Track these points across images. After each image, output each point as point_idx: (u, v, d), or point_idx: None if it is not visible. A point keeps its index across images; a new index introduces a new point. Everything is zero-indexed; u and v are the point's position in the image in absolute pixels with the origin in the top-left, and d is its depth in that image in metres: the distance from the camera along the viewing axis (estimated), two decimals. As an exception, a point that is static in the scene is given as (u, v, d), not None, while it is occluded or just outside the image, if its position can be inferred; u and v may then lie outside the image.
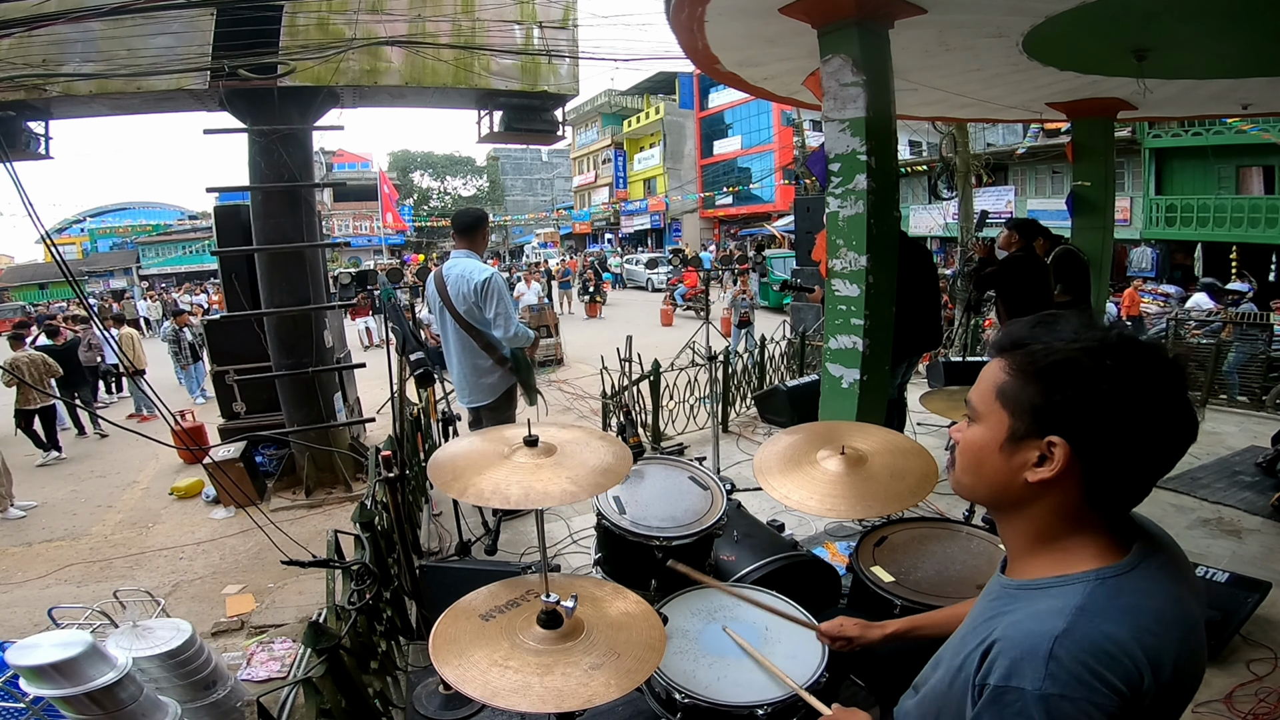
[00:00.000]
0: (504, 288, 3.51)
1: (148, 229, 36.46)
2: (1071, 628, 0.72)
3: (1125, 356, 0.76)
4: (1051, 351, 0.79)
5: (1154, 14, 3.39)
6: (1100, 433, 0.77)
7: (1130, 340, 0.78)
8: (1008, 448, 0.83)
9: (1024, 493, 0.83)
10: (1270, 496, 3.81)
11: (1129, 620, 0.73)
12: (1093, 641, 0.71)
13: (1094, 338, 0.78)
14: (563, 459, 1.63)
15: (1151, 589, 0.77)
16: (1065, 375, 0.78)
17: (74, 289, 3.10)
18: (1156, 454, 0.78)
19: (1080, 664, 0.70)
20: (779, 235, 23.73)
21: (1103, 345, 0.77)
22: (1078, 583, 0.78)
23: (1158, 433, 0.76)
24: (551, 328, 11.09)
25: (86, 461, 7.67)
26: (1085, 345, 0.78)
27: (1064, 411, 0.78)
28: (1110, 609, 0.74)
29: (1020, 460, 0.82)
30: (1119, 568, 0.78)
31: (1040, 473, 0.80)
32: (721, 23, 3.56)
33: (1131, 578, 0.78)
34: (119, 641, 2.45)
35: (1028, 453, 0.81)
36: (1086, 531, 0.82)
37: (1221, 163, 14.24)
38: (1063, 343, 0.79)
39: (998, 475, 0.85)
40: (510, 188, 48.35)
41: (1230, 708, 2.25)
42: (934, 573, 1.87)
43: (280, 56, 5.13)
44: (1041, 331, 0.81)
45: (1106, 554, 0.80)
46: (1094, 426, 0.77)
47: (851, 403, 3.38)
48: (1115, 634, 0.72)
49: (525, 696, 1.19)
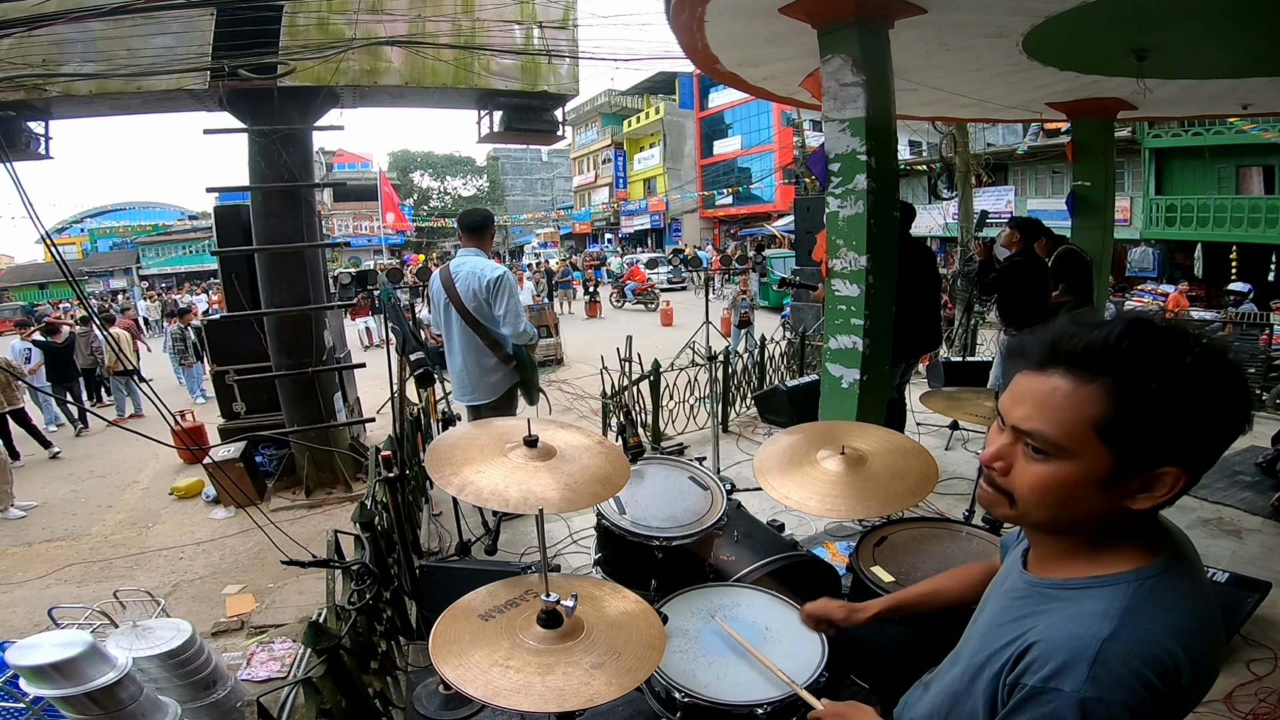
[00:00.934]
0: (515, 286, 3.55)
1: (148, 229, 36.44)
2: (1118, 631, 0.72)
3: (1220, 371, 0.72)
4: (1171, 384, 0.71)
5: (1154, 14, 3.39)
6: (1206, 455, 0.74)
7: (1218, 351, 0.73)
8: (1111, 482, 0.75)
9: (1106, 516, 0.78)
10: (1270, 496, 3.82)
11: (1171, 621, 0.73)
12: (1140, 644, 0.71)
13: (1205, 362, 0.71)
14: (562, 463, 1.63)
15: (1186, 588, 0.77)
16: (1191, 410, 0.71)
17: (74, 289, 3.10)
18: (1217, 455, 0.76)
19: (1127, 667, 0.70)
20: (779, 235, 23.73)
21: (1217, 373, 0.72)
22: (1120, 583, 0.76)
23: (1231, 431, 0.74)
24: (551, 328, 11.09)
25: (86, 461, 7.66)
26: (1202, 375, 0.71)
27: (1186, 443, 0.73)
28: (1154, 610, 0.74)
29: (1124, 491, 0.75)
30: (1156, 568, 0.77)
31: (1143, 501, 0.75)
32: (721, 23, 3.56)
33: (1168, 577, 0.77)
34: (119, 641, 2.45)
35: (1133, 482, 0.75)
36: (1127, 534, 0.80)
37: (1221, 163, 14.25)
38: (1176, 369, 0.71)
39: (1095, 510, 0.77)
40: (510, 188, 48.35)
41: (1230, 708, 2.25)
42: (934, 572, 1.86)
43: (280, 56, 5.13)
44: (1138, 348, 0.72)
45: (1142, 554, 0.79)
46: (1204, 451, 0.74)
47: (851, 403, 3.38)
48: (1159, 636, 0.72)
49: (527, 696, 1.19)
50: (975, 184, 14.18)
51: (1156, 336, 0.73)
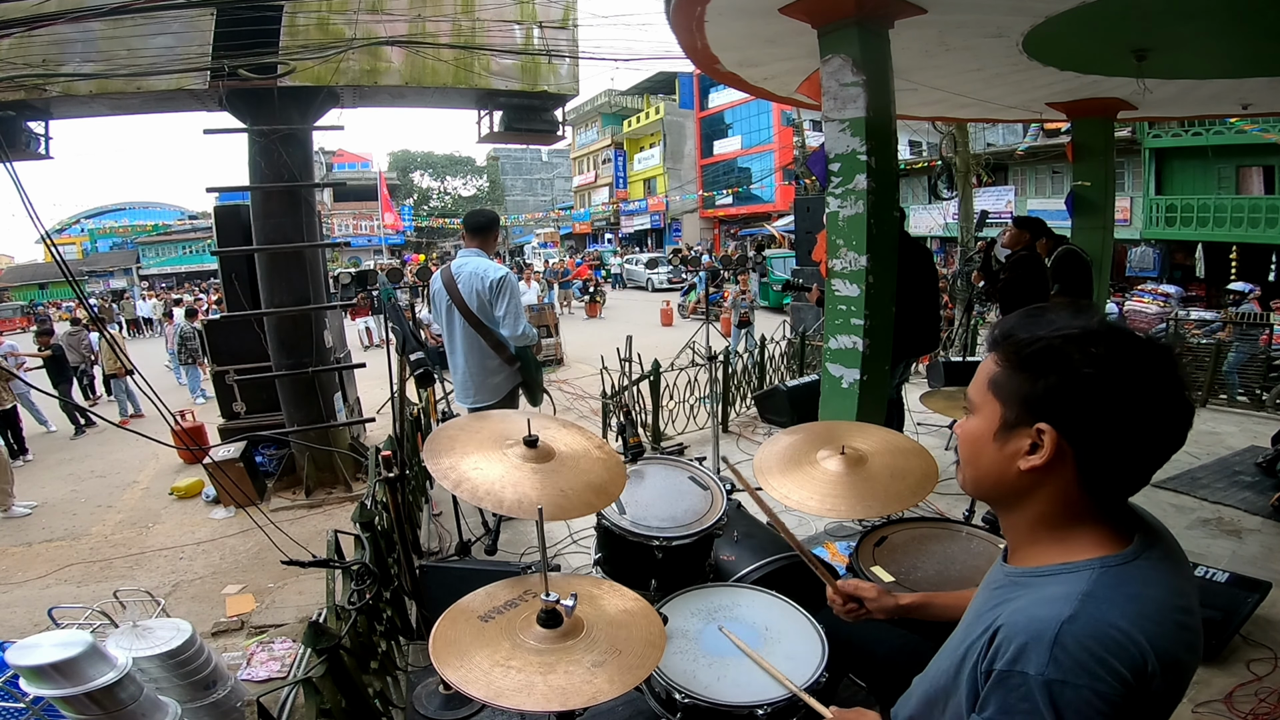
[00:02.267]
0: (517, 287, 3.53)
1: (148, 229, 36.45)
2: (1078, 613, 0.73)
3: (1111, 343, 0.77)
4: (1036, 340, 0.81)
5: (1154, 14, 3.39)
6: (1088, 418, 0.78)
7: (1116, 328, 0.79)
8: (1001, 436, 0.84)
9: (1020, 482, 0.84)
10: (1270, 496, 3.81)
11: (1134, 608, 0.74)
12: (1099, 628, 0.72)
13: (1079, 325, 0.79)
14: (559, 468, 1.63)
15: (1154, 578, 0.78)
16: (1049, 362, 0.79)
17: (74, 289, 3.10)
18: (1150, 441, 0.78)
19: (1085, 650, 0.71)
20: (778, 235, 23.73)
21: (1086, 332, 0.78)
22: (1084, 569, 0.78)
23: (1149, 419, 0.77)
24: (551, 328, 11.09)
25: (86, 461, 7.66)
26: (1069, 333, 0.79)
27: (1050, 398, 0.79)
28: (1116, 596, 0.75)
29: (1013, 449, 0.83)
30: (1123, 556, 0.79)
31: (1032, 460, 0.82)
32: (721, 23, 3.56)
33: (1135, 566, 0.78)
34: (119, 641, 2.45)
35: (1020, 441, 0.83)
36: (1088, 521, 0.82)
37: (1221, 163, 14.25)
38: (1047, 331, 0.80)
39: (994, 465, 0.86)
40: (510, 188, 48.36)
41: (1230, 708, 2.25)
42: (934, 572, 1.87)
43: (280, 56, 5.13)
44: (1029, 323, 0.83)
45: (1109, 543, 0.81)
46: (1081, 412, 0.78)
47: (851, 403, 3.38)
48: (1120, 621, 0.73)
49: (529, 695, 1.19)
50: (975, 184, 14.17)
51: (1051, 314, 0.82)
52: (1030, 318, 0.83)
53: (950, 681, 0.86)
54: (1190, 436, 0.81)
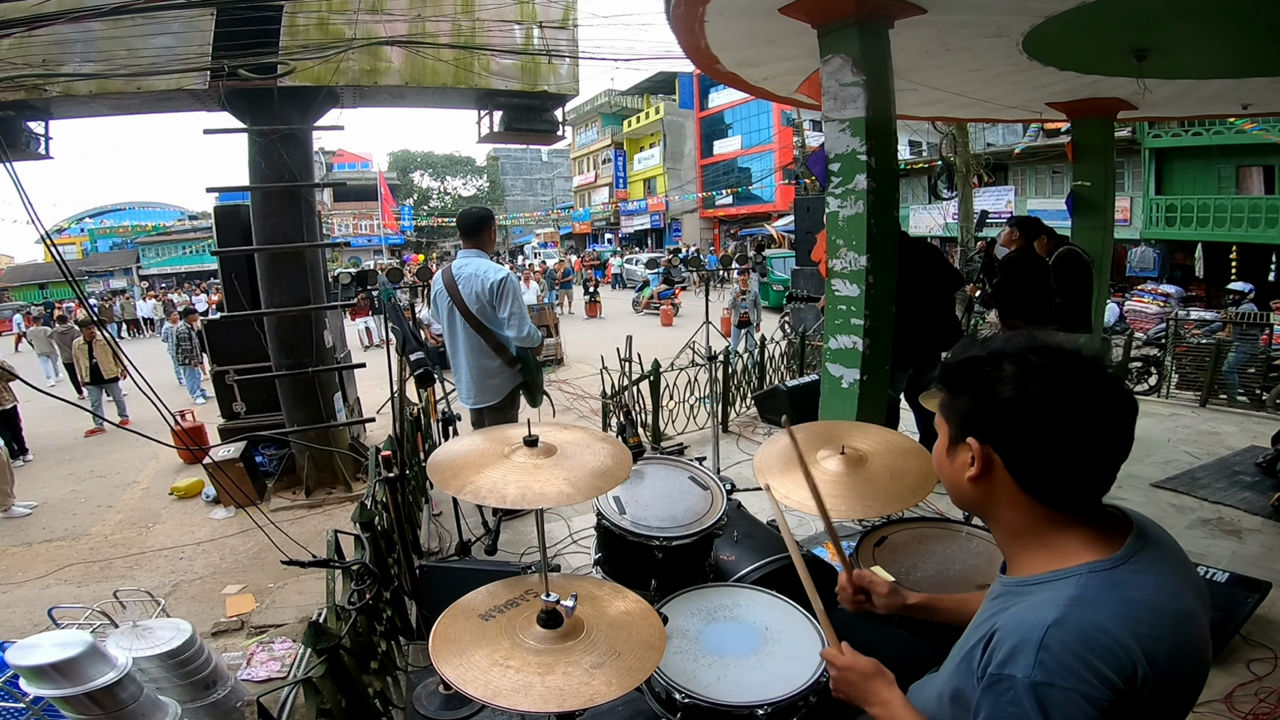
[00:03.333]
0: (519, 288, 3.53)
1: (148, 229, 36.45)
2: (1064, 617, 0.75)
3: (1022, 360, 0.82)
4: (957, 363, 0.89)
5: (1154, 14, 3.39)
6: (1003, 430, 0.83)
7: (1038, 345, 0.83)
8: (950, 453, 0.92)
9: (975, 493, 0.90)
10: (1270, 496, 3.81)
11: (1121, 610, 0.75)
12: (1084, 630, 0.73)
13: (995, 347, 0.85)
14: (561, 460, 1.63)
15: (1144, 580, 0.79)
16: (964, 380, 0.88)
17: (74, 289, 3.10)
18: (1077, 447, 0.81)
19: (1070, 652, 0.72)
20: (777, 235, 23.74)
21: (997, 352, 0.84)
22: (1072, 576, 0.80)
23: (1068, 427, 0.80)
24: (551, 328, 11.09)
25: (86, 461, 7.67)
26: (980, 353, 0.86)
27: (970, 414, 0.87)
28: (1104, 599, 0.76)
29: (960, 463, 0.90)
30: (1111, 560, 0.80)
31: (970, 471, 0.88)
32: (721, 23, 3.56)
33: (1124, 570, 0.79)
34: (119, 641, 2.45)
35: (963, 455, 0.89)
36: (1067, 527, 0.85)
37: (1221, 163, 14.25)
38: (969, 354, 0.87)
39: (950, 479, 0.94)
40: (510, 188, 48.37)
41: (1230, 708, 2.25)
42: (934, 573, 1.87)
43: (280, 56, 5.13)
44: (964, 347, 0.91)
45: (1097, 548, 0.82)
46: (996, 425, 0.84)
47: (851, 403, 3.38)
48: (1106, 624, 0.73)
49: (527, 696, 1.19)
50: (975, 184, 14.19)
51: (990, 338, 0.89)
52: (966, 344, 0.91)
53: (949, 688, 0.89)
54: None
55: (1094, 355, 0.84)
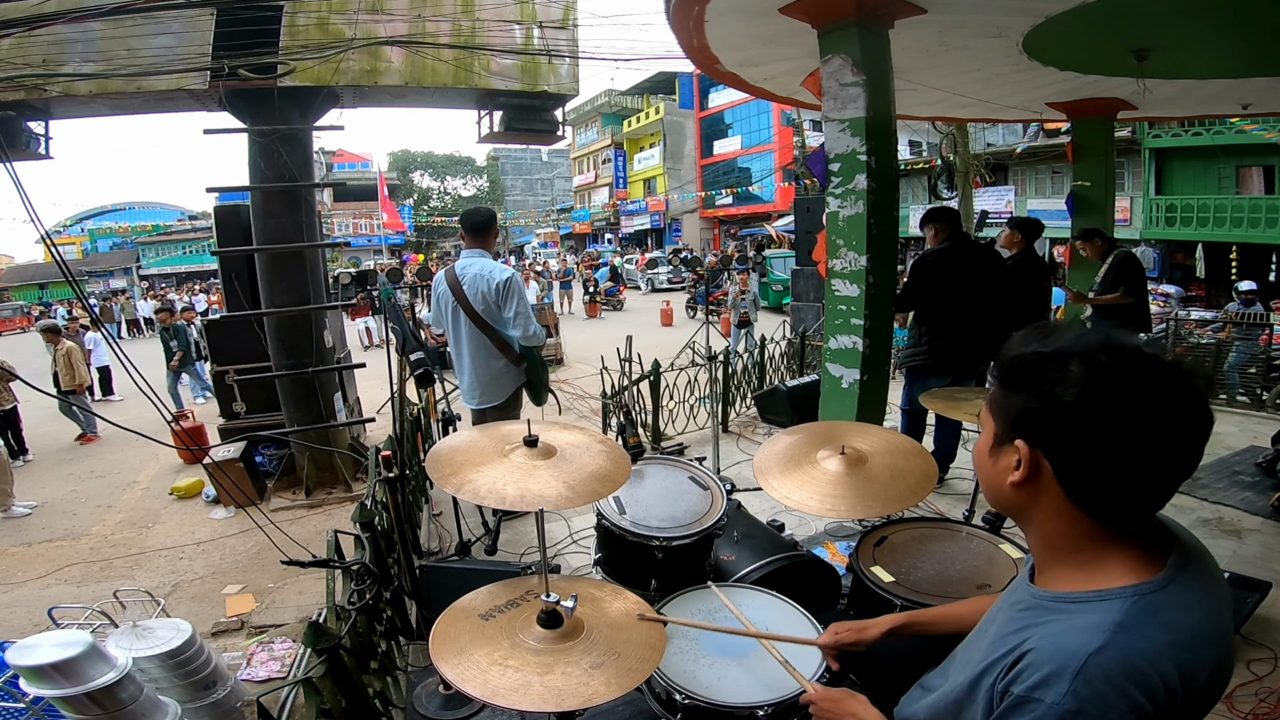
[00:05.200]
0: (524, 288, 3.53)
1: (148, 229, 36.45)
2: (1107, 644, 0.71)
3: (1093, 362, 0.74)
4: (1016, 357, 0.81)
5: (1154, 14, 3.39)
6: (1062, 437, 0.76)
7: (1110, 345, 0.75)
8: (994, 452, 0.85)
9: (1015, 498, 0.84)
10: (1270, 496, 3.81)
11: (1166, 638, 0.72)
12: (1128, 659, 0.70)
13: (1063, 343, 0.77)
14: (561, 462, 1.63)
15: (1189, 603, 0.76)
16: (1023, 378, 0.79)
17: (74, 289, 3.10)
18: (1143, 461, 0.74)
19: (1108, 682, 0.69)
20: (776, 235, 23.74)
21: (1065, 350, 0.76)
22: (1116, 598, 0.76)
23: (1137, 440, 0.73)
24: (551, 328, 11.09)
25: (86, 461, 7.67)
26: (1046, 350, 0.77)
27: (1025, 415, 0.79)
28: (1148, 627, 0.73)
29: (1004, 464, 0.83)
30: (1157, 583, 0.76)
31: (1014, 476, 0.81)
32: (721, 23, 3.56)
33: (1169, 593, 0.76)
34: (119, 641, 2.44)
35: (1008, 457, 0.82)
36: (1111, 543, 0.79)
37: (1221, 163, 14.24)
38: (1030, 348, 0.79)
39: (990, 480, 0.87)
40: (510, 188, 48.37)
41: (1230, 708, 2.25)
42: (934, 573, 1.87)
43: (280, 56, 5.12)
44: (1024, 340, 0.82)
45: (1141, 567, 0.78)
46: (1054, 430, 0.76)
47: (851, 403, 3.38)
48: (1150, 652, 0.71)
49: (525, 695, 1.19)
50: (975, 184, 14.17)
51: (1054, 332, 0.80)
52: (1029, 334, 0.82)
53: (964, 695, 0.85)
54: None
55: (1175, 362, 0.75)
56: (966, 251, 3.95)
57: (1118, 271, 4.75)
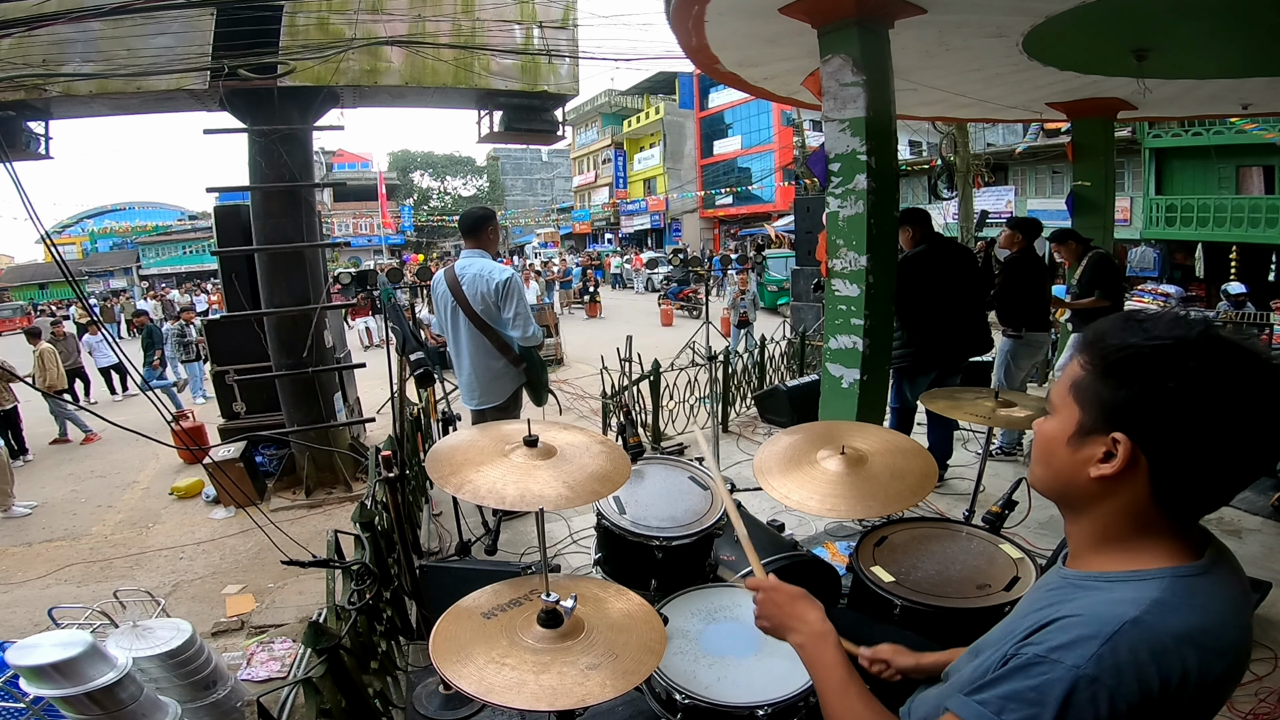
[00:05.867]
0: (523, 288, 3.53)
1: (148, 229, 36.47)
2: (1143, 616, 0.71)
3: (1207, 358, 0.72)
4: (1125, 347, 0.77)
5: (1154, 14, 3.39)
6: (1168, 434, 0.74)
7: (1216, 339, 0.74)
8: (1075, 441, 0.82)
9: (1090, 488, 0.81)
10: (1270, 496, 3.81)
11: (1197, 620, 0.73)
12: (1156, 635, 0.71)
13: (1175, 335, 0.75)
14: (560, 462, 1.63)
15: (1222, 593, 0.77)
16: (1133, 371, 0.76)
17: (74, 289, 3.10)
18: (1235, 462, 0.74)
19: (1133, 653, 0.69)
20: (776, 235, 23.74)
21: (1180, 343, 0.74)
22: (1155, 578, 0.76)
23: (1235, 441, 0.73)
24: (551, 328, 11.09)
25: (86, 461, 7.67)
26: (1161, 342, 0.75)
27: (1129, 408, 0.76)
28: (1184, 608, 0.73)
29: (1086, 455, 0.80)
30: (1195, 568, 0.77)
31: (1103, 469, 0.79)
32: (721, 23, 3.56)
33: (1205, 580, 0.77)
34: (119, 641, 2.44)
35: (1094, 448, 0.79)
36: (1158, 533, 0.80)
37: (1221, 163, 14.24)
38: (1139, 340, 0.76)
39: (1065, 468, 0.84)
40: (510, 188, 48.36)
41: (1230, 708, 2.25)
42: (934, 573, 1.87)
43: (280, 56, 5.13)
44: (1124, 328, 0.79)
45: (1180, 555, 0.79)
46: (1161, 427, 0.74)
47: (851, 403, 3.38)
48: (1180, 632, 0.71)
49: (519, 693, 1.19)
50: (975, 184, 14.18)
51: (1151, 320, 0.78)
52: (1126, 323, 0.80)
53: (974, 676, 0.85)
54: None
55: (1272, 359, 0.74)
56: (943, 251, 4.03)
57: (1093, 274, 4.63)
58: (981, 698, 0.76)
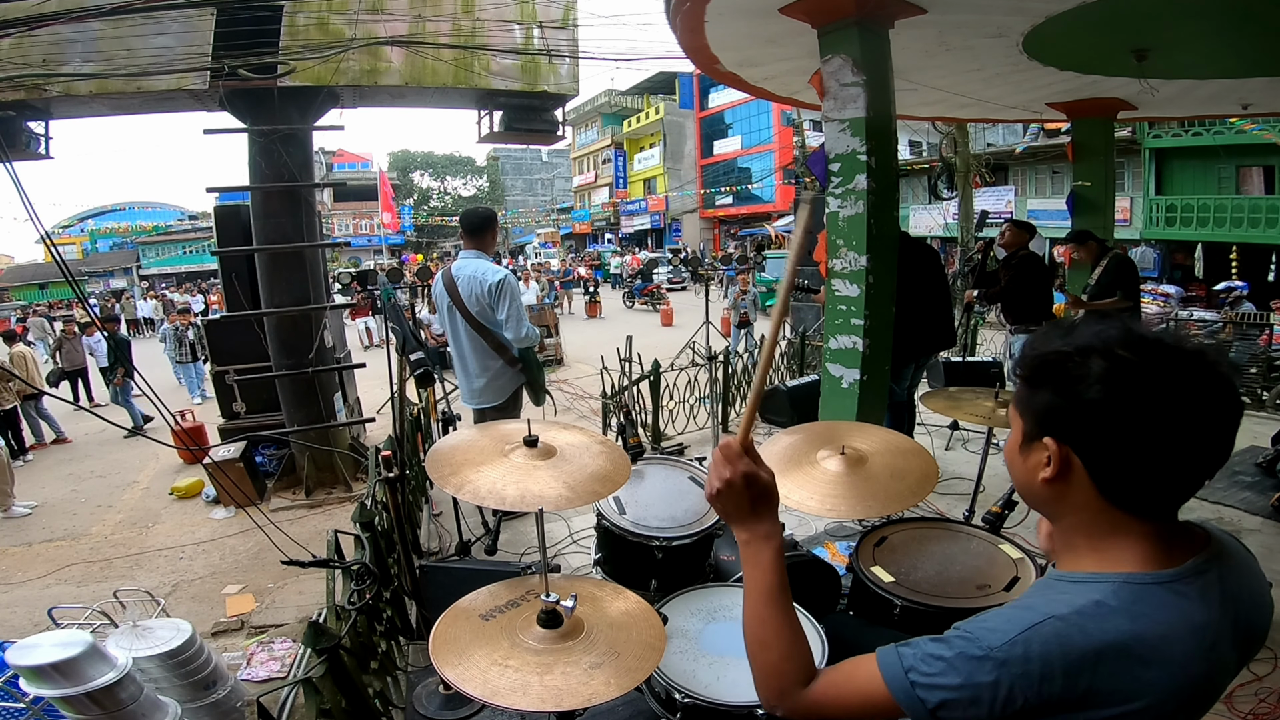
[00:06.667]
0: (517, 289, 3.52)
1: (148, 229, 36.47)
2: (1070, 615, 0.72)
3: (1116, 357, 0.73)
4: (1041, 354, 0.80)
5: (1154, 14, 3.39)
6: (1089, 433, 0.76)
7: (1137, 338, 0.74)
8: (1024, 450, 0.84)
9: (1046, 493, 0.83)
10: (1270, 496, 3.81)
11: (1132, 628, 0.72)
12: (1076, 636, 0.71)
13: (1084, 339, 0.76)
14: (560, 462, 1.63)
15: (1182, 605, 0.75)
16: (1049, 375, 0.79)
17: (74, 289, 3.10)
18: (1173, 454, 0.74)
19: (1044, 648, 0.71)
20: (775, 235, 23.75)
21: (1085, 346, 0.75)
22: (1105, 581, 0.77)
23: (1165, 433, 0.72)
24: (551, 328, 11.09)
25: (86, 461, 7.67)
26: (1066, 348, 0.77)
27: (1052, 412, 0.78)
28: (1123, 613, 0.73)
29: (1033, 462, 0.83)
30: (1153, 576, 0.76)
31: (1045, 473, 0.80)
32: (721, 23, 3.56)
33: (1161, 590, 0.75)
34: (119, 641, 2.45)
35: (1038, 454, 0.81)
36: (1127, 535, 0.79)
37: (1221, 163, 14.24)
38: (1055, 346, 0.78)
39: (1021, 478, 0.87)
40: (510, 188, 48.36)
41: (1230, 708, 2.25)
42: (934, 573, 1.87)
43: (280, 56, 5.13)
44: (1045, 337, 0.81)
45: (1146, 561, 0.78)
46: (1081, 426, 0.76)
47: (851, 403, 3.38)
48: (1110, 637, 0.71)
49: (525, 695, 1.19)
50: (975, 184, 14.18)
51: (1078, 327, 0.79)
52: (1049, 332, 0.82)
53: None
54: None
55: (1198, 350, 0.74)
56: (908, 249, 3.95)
57: (1114, 275, 4.63)
58: (904, 650, 0.80)
